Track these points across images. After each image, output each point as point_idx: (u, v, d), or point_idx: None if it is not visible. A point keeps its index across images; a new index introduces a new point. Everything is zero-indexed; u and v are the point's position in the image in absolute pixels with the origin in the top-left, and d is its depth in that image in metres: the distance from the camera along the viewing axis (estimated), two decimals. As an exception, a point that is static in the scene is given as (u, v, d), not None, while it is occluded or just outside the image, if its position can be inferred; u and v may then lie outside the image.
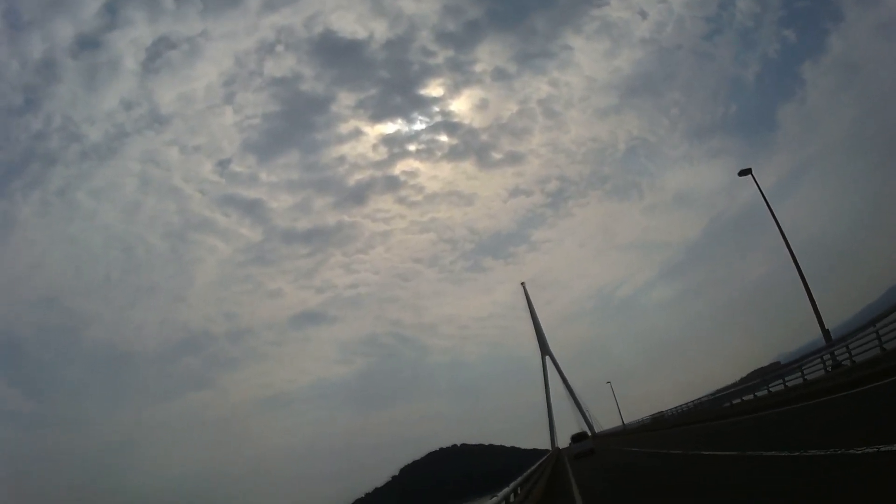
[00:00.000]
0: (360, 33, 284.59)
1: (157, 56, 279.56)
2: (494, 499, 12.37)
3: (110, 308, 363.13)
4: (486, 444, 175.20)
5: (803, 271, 29.24)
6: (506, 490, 14.29)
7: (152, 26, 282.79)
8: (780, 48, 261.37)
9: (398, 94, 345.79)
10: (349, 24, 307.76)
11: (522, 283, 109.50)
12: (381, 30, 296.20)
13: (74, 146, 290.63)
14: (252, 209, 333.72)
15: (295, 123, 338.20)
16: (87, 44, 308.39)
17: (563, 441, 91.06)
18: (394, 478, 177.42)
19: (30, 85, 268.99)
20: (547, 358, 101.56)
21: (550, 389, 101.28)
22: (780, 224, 30.70)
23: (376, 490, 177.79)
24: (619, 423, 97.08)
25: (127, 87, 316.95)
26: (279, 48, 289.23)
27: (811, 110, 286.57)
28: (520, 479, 17.93)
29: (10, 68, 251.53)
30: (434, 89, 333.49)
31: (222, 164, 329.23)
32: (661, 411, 66.40)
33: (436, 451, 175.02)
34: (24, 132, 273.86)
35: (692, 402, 50.47)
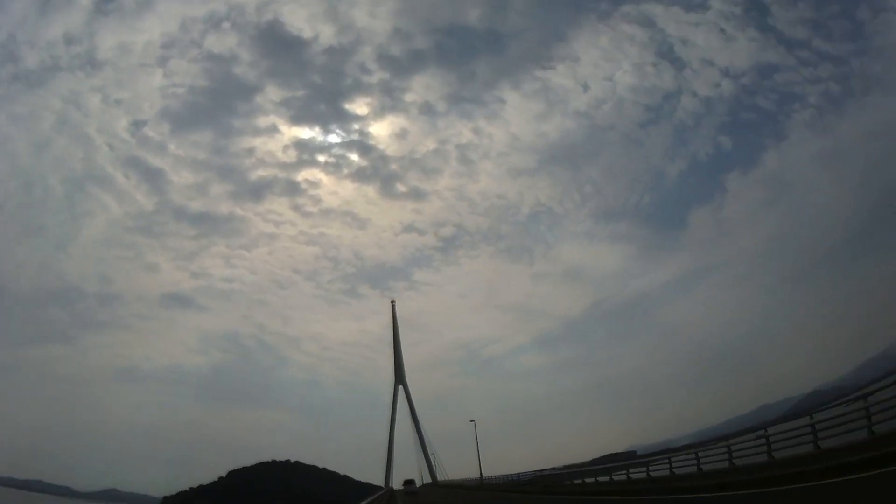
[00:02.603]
0: (307, 32, 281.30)
1: None
2: None
3: None
4: (321, 466, 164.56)
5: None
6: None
7: None
8: (711, 153, 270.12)
9: (324, 102, 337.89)
10: (298, 21, 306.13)
11: (392, 301, 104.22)
12: (327, 34, 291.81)
13: (9, 66, 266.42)
14: (152, 177, 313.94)
15: (217, 104, 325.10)
16: None
17: (397, 484, 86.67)
18: (220, 479, 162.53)
19: None
20: (400, 388, 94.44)
21: (397, 430, 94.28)
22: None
23: (201, 487, 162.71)
24: (473, 475, 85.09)
25: (75, 21, 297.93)
26: (225, 24, 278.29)
27: (725, 219, 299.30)
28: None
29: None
30: (360, 107, 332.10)
31: (137, 125, 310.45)
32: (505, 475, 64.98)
33: (268, 462, 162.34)
34: None
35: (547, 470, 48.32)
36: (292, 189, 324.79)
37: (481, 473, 72.85)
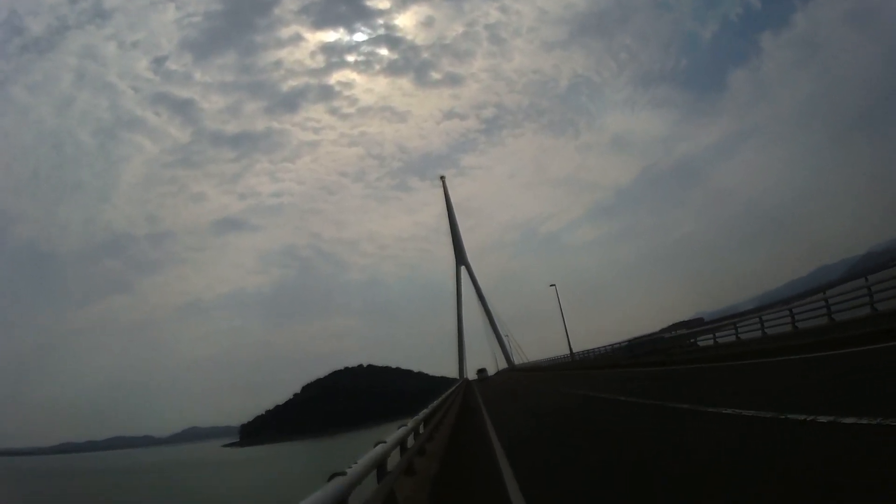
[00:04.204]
0: None
1: None
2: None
3: (37, 206, 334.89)
4: (394, 366, 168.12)
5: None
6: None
7: None
8: (742, 13, 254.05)
9: (344, 3, 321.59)
10: None
11: (442, 177, 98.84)
12: None
13: (16, 39, 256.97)
14: (183, 109, 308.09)
15: (235, 23, 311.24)
16: None
17: (471, 374, 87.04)
18: (295, 395, 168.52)
19: None
20: (462, 269, 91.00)
21: (465, 318, 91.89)
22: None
23: (277, 407, 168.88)
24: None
25: None
26: None
27: (763, 79, 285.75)
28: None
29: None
30: (381, 1, 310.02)
31: (158, 62, 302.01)
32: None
33: (340, 370, 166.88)
34: None
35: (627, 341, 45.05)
36: (326, 93, 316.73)
37: (570, 347, 64.21)
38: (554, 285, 66.80)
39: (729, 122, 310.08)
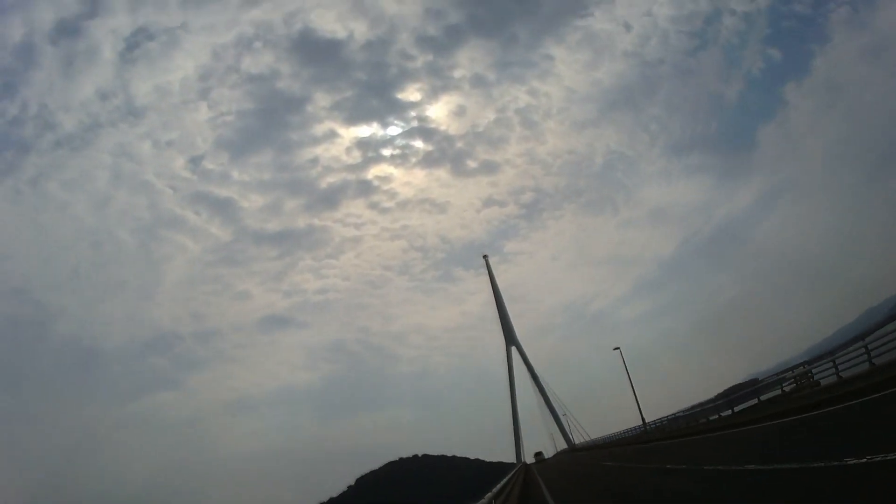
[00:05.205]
0: (340, 33, 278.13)
1: (135, 46, 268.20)
2: None
3: (78, 302, 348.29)
4: (449, 455, 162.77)
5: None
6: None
7: (132, 16, 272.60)
8: (764, 67, 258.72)
9: (375, 97, 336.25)
10: (329, 23, 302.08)
11: (485, 256, 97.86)
12: (360, 30, 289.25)
13: (49, 135, 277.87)
14: (223, 208, 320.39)
15: (269, 122, 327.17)
16: (67, 30, 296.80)
17: (529, 458, 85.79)
18: (349, 487, 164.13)
19: (7, 69, 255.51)
20: (513, 349, 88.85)
21: (519, 400, 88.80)
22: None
23: (331, 499, 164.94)
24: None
25: (104, 76, 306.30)
26: (257, 44, 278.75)
27: (792, 130, 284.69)
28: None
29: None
30: (411, 94, 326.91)
31: (195, 161, 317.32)
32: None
33: (395, 461, 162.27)
34: (0, 117, 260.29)
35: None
36: (365, 188, 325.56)
37: (642, 414, 58.01)
38: (618, 348, 62.69)
39: (763, 179, 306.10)
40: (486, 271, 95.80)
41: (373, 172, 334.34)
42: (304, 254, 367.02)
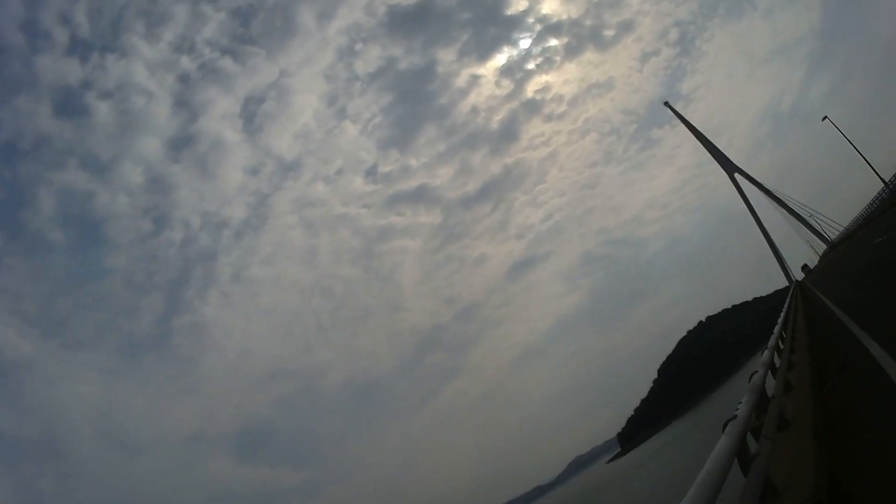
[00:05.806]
0: None
1: (253, 116, 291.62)
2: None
3: (334, 350, 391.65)
4: (729, 306, 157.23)
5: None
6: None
7: (231, 95, 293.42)
8: None
9: (490, 26, 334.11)
10: None
11: (665, 103, 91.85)
12: None
13: (225, 232, 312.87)
14: (419, 196, 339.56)
15: (413, 101, 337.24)
16: (180, 143, 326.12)
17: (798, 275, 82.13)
18: (654, 381, 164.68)
19: (148, 207, 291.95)
20: (736, 175, 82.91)
21: (766, 224, 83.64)
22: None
23: (643, 402, 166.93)
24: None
25: (242, 156, 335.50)
26: (358, 46, 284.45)
27: None
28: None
29: (118, 204, 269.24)
30: (520, 3, 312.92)
31: (370, 173, 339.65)
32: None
33: (684, 337, 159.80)
34: (170, 248, 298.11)
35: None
36: (532, 107, 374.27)
37: (881, 178, 49.15)
38: (826, 118, 58.73)
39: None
40: (677, 118, 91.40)
41: (530, 90, 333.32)
42: (513, 193, 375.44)
